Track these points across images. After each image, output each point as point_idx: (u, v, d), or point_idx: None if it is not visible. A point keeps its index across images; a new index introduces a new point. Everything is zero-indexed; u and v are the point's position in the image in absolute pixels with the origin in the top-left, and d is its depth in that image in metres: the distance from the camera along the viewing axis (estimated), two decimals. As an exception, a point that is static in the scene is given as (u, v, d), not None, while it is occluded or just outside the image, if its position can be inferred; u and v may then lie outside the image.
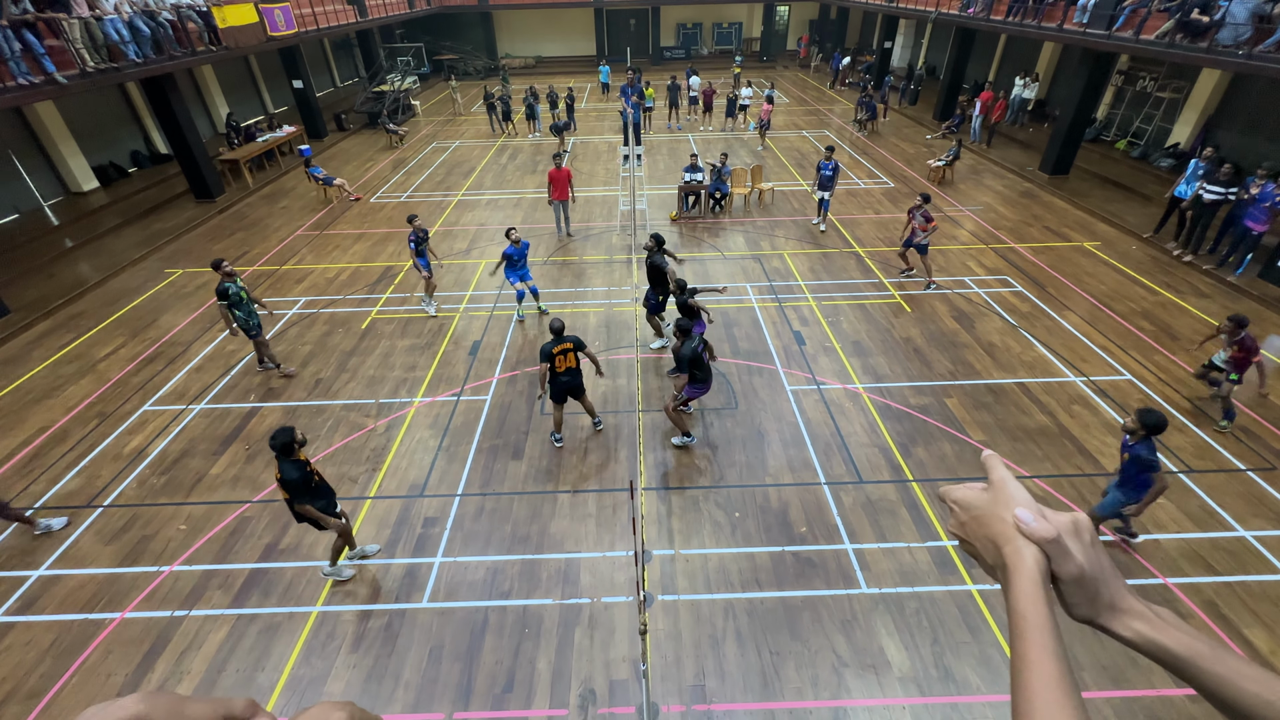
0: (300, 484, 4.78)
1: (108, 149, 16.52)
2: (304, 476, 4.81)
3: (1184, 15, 10.79)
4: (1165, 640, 0.63)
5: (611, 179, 15.92)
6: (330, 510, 5.14)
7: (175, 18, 13.28)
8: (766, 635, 5.00)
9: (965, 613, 5.13)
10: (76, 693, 4.72)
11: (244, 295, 7.73)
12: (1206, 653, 0.61)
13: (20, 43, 9.69)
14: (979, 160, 17.04)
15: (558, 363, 6.43)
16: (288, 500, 4.88)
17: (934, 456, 6.77)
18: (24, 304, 10.28)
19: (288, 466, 4.74)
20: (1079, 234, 12.22)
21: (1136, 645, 0.64)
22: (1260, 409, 7.32)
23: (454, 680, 4.75)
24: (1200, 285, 10.16)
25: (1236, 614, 5.08)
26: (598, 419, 7.26)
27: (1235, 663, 0.60)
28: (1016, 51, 21.61)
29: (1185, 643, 0.63)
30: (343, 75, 30.47)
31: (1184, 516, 5.96)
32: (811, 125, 20.93)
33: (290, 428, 4.76)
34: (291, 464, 4.75)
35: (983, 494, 0.71)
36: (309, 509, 4.91)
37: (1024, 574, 0.62)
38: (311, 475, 4.91)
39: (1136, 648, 0.64)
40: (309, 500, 4.91)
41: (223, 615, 5.28)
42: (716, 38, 35.80)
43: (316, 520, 5.00)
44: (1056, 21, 14.47)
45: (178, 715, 0.52)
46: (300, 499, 4.86)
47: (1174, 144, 15.06)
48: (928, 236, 9.76)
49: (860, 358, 8.45)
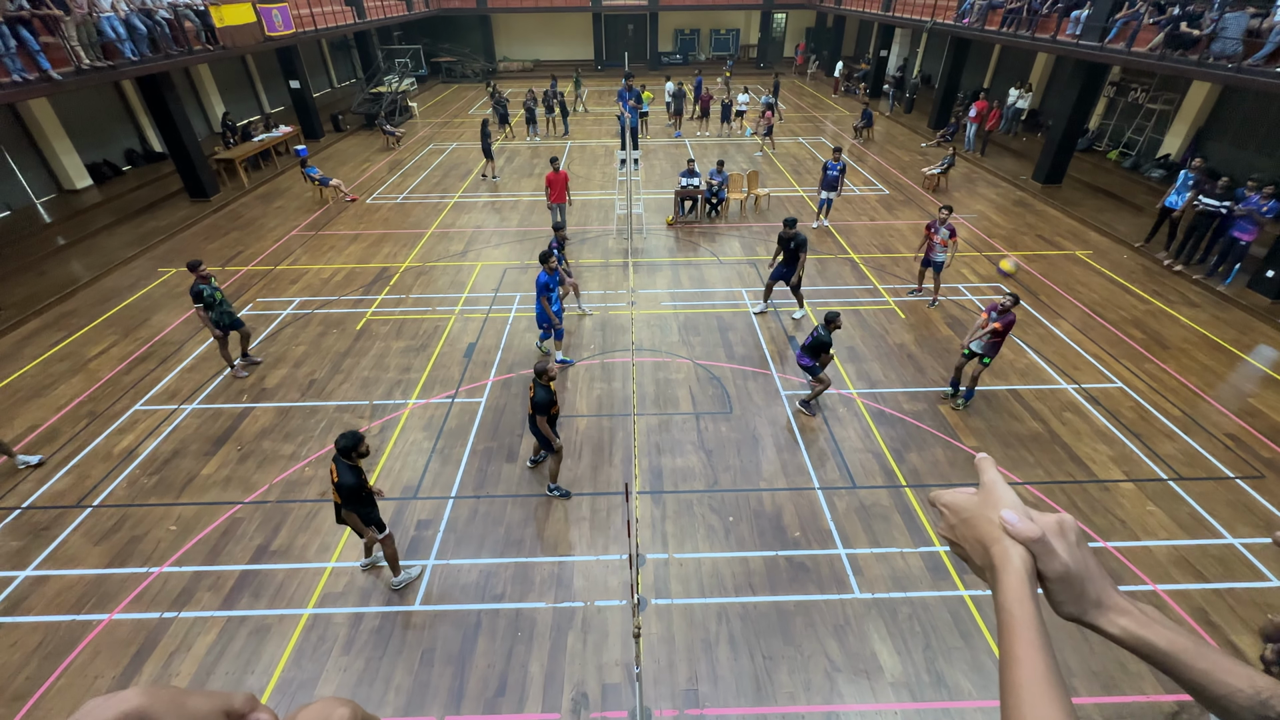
0: (354, 490, 4.76)
1: (102, 147, 16.42)
2: (360, 484, 4.79)
3: (1174, 29, 10.95)
4: (1150, 636, 0.64)
5: (608, 183, 15.96)
6: (371, 520, 5.06)
7: (172, 16, 13.25)
8: (759, 640, 5.00)
9: (957, 618, 5.15)
10: (63, 695, 4.66)
11: (218, 297, 7.69)
12: (1190, 648, 0.63)
13: (15, 39, 9.64)
14: (973, 169, 17.19)
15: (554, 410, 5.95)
16: (337, 505, 4.87)
17: (927, 462, 6.80)
18: (14, 302, 10.19)
19: (345, 471, 4.72)
20: (1071, 242, 12.34)
21: (1122, 641, 0.66)
22: (1250, 418, 7.40)
23: (446, 684, 4.72)
24: (1190, 295, 10.27)
25: (1225, 620, 5.12)
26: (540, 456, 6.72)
27: (1217, 658, 0.62)
28: (1011, 62, 21.83)
29: (1170, 639, 0.64)
30: (340, 76, 30.42)
31: (1173, 523, 6.02)
32: (808, 132, 21.06)
33: (359, 433, 4.73)
34: (350, 469, 4.74)
35: (971, 497, 0.73)
36: (354, 517, 4.89)
37: (1011, 573, 0.64)
38: (365, 483, 4.89)
39: (1122, 644, 0.66)
40: (357, 509, 4.87)
41: (212, 617, 5.23)
42: (714, 44, 35.99)
43: (358, 529, 4.98)
44: (1050, 33, 14.65)
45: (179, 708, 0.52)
46: (350, 505, 4.83)
47: (1165, 155, 15.25)
48: (950, 253, 9.19)
49: (855, 363, 8.49)
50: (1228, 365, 8.44)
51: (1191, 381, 8.07)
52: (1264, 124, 12.92)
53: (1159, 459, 6.80)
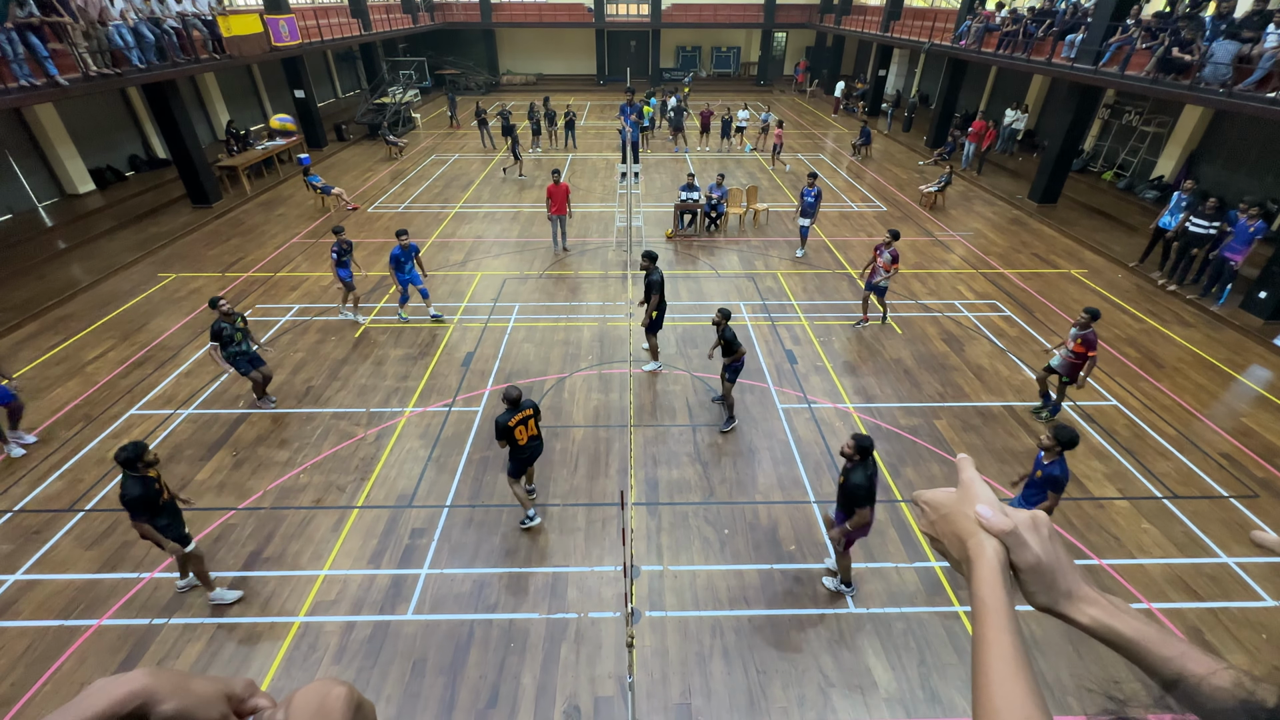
0: (139, 501, 4.62)
1: (106, 152, 16.53)
2: (146, 494, 4.64)
3: (1165, 54, 11.16)
4: (1118, 625, 0.67)
5: (609, 196, 16.09)
6: (172, 531, 4.91)
7: (180, 26, 13.41)
8: (754, 654, 4.97)
9: (952, 634, 5.14)
10: (48, 701, 4.61)
11: (239, 336, 7.17)
12: (1155, 637, 0.66)
13: (24, 45, 9.75)
14: (970, 187, 17.38)
15: (518, 434, 5.60)
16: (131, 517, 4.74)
17: (923, 477, 6.81)
18: (12, 305, 10.20)
19: (129, 482, 4.60)
20: (1066, 261, 12.46)
21: (1092, 630, 0.68)
22: (1244, 437, 7.44)
23: (437, 694, 4.68)
24: (1184, 315, 10.36)
25: (1219, 639, 5.11)
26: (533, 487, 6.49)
27: (1181, 646, 0.64)
28: (1007, 83, 22.17)
29: (1136, 627, 0.67)
30: (344, 86, 30.74)
31: (1168, 541, 6.02)
32: (807, 148, 21.29)
33: (141, 443, 4.61)
34: (134, 480, 4.61)
35: (950, 495, 0.77)
36: (146, 528, 4.74)
37: (984, 563, 0.68)
38: (158, 494, 4.75)
39: (1092, 633, 0.68)
40: (148, 519, 4.73)
41: (202, 624, 5.19)
42: (715, 61, 36.50)
43: (156, 542, 4.82)
44: (1045, 55, 14.91)
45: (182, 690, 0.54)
46: (138, 516, 4.69)
47: (1158, 176, 15.45)
48: (889, 278, 9.24)
49: (851, 378, 8.53)
50: (1221, 385, 8.49)
51: (1186, 400, 8.12)
52: (1255, 147, 13.12)
53: (1153, 477, 6.82)
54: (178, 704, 0.53)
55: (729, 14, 32.76)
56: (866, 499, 4.81)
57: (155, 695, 0.52)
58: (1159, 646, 0.65)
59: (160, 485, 4.81)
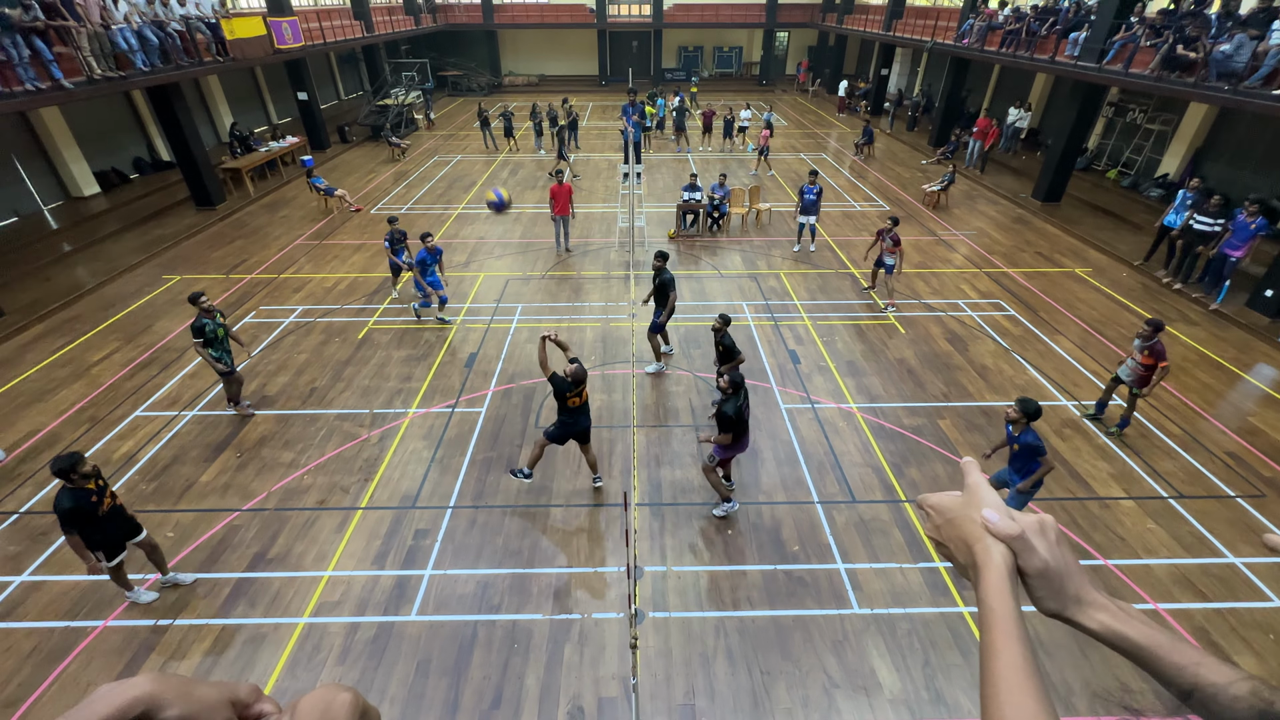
0: (69, 514, 4.53)
1: (110, 155, 16.60)
2: (77, 508, 4.55)
3: (1170, 51, 11.10)
4: (1128, 631, 0.66)
5: (611, 196, 16.09)
6: (109, 545, 4.86)
7: (184, 28, 13.46)
8: (757, 654, 4.96)
9: (957, 635, 5.12)
10: (55, 701, 4.63)
11: (221, 333, 7.17)
12: (1166, 643, 0.65)
13: (30, 49, 9.80)
14: (973, 186, 17.32)
15: (569, 400, 5.96)
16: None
17: (927, 477, 6.79)
18: (18, 307, 10.24)
19: (62, 494, 4.53)
20: (1071, 260, 12.41)
21: (1101, 636, 0.67)
22: (1250, 436, 7.39)
23: (440, 695, 4.68)
24: (1189, 313, 10.31)
25: (1227, 640, 5.08)
26: (598, 476, 6.63)
27: (1193, 653, 0.63)
28: (1010, 81, 22.09)
29: (1146, 633, 0.66)
30: (347, 88, 30.82)
31: (1174, 542, 5.99)
32: (809, 148, 21.26)
33: (76, 454, 4.53)
34: (68, 492, 4.53)
35: (956, 499, 0.76)
36: (76, 539, 4.65)
37: (992, 569, 0.66)
38: (95, 506, 4.66)
39: (1101, 639, 0.67)
40: (77, 531, 4.64)
41: (207, 625, 5.20)
42: (717, 61, 36.47)
43: (79, 554, 4.74)
44: (1049, 54, 14.85)
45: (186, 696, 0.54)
46: (68, 529, 4.60)
47: (1163, 174, 15.37)
48: (897, 261, 10.12)
49: (854, 377, 8.51)
50: (1227, 384, 8.45)
51: (1191, 399, 8.07)
52: (1261, 144, 13.04)
53: (1159, 477, 6.78)
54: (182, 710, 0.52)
55: (731, 14, 32.74)
56: (730, 427, 5.62)
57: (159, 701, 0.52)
58: (1170, 653, 0.64)
59: (100, 497, 4.71)
